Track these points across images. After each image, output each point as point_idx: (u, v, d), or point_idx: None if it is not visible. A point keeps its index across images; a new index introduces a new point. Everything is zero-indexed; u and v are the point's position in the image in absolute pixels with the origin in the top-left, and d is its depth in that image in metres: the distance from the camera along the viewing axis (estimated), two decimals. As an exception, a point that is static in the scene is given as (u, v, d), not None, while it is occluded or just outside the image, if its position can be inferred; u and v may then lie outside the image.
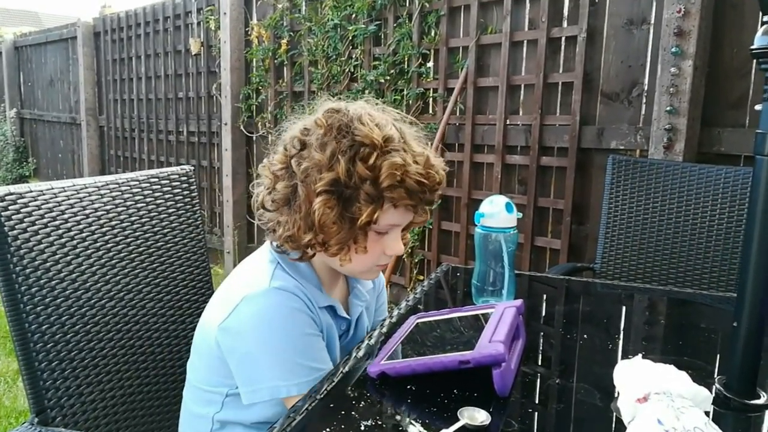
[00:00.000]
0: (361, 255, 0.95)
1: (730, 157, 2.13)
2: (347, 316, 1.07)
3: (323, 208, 0.88)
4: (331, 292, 1.06)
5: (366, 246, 0.94)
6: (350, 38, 3.27)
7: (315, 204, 0.89)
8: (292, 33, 3.65)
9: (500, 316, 0.92)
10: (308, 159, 0.91)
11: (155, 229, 1.24)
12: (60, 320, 1.02)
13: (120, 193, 1.18)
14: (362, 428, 0.74)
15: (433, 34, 2.96)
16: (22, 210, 0.99)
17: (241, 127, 4.05)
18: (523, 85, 2.71)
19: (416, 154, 0.92)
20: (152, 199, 1.25)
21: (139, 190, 1.22)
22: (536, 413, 0.82)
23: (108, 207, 1.15)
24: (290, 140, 0.95)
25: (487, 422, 0.73)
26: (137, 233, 1.20)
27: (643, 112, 2.35)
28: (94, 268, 1.10)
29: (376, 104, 0.99)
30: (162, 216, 1.26)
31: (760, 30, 0.75)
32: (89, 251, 1.09)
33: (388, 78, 3.12)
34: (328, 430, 0.74)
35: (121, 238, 1.16)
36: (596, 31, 2.43)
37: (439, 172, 0.95)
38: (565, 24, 2.55)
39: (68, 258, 1.05)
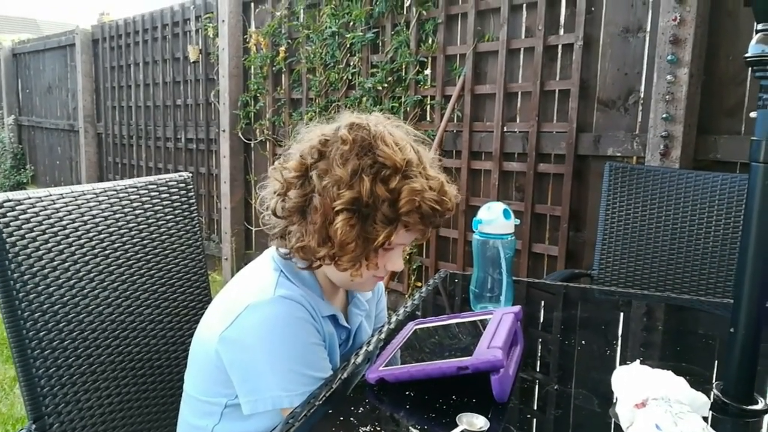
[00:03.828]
0: (372, 270, 0.96)
1: (726, 164, 2.14)
2: (347, 326, 1.07)
3: (345, 227, 0.89)
4: (333, 301, 1.06)
5: (377, 262, 0.95)
6: (348, 46, 3.28)
7: (336, 222, 0.89)
8: (290, 40, 3.67)
9: (498, 323, 0.92)
10: (328, 173, 0.91)
11: (153, 235, 1.24)
12: (58, 327, 1.02)
13: (118, 200, 1.18)
14: (361, 434, 0.74)
15: (430, 41, 2.97)
16: (20, 217, 0.99)
17: (239, 134, 4.06)
18: (520, 93, 2.72)
19: (431, 178, 0.94)
20: (150, 206, 1.25)
21: (137, 197, 1.22)
22: (534, 419, 0.82)
23: (106, 214, 1.15)
24: (309, 149, 0.94)
25: (486, 428, 0.73)
26: (135, 240, 1.20)
27: (639, 119, 2.36)
28: (92, 275, 1.09)
29: (392, 119, 0.99)
30: (160, 223, 1.26)
31: (755, 38, 0.76)
32: (87, 258, 1.09)
33: (386, 85, 3.13)
34: (326, 436, 0.74)
35: (119, 244, 1.16)
36: (592, 39, 2.44)
37: (452, 199, 0.97)
38: (561, 32, 2.56)
39: (66, 265, 1.05)
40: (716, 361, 1.03)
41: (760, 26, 0.76)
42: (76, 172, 6.26)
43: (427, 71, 3.04)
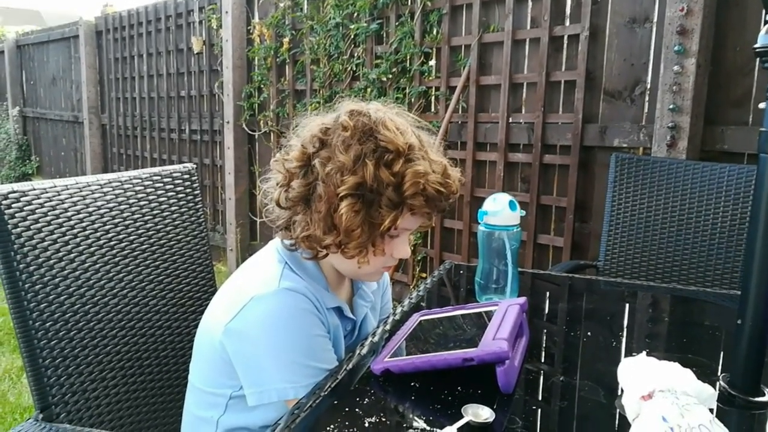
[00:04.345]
0: (379, 257, 0.96)
1: (734, 154, 2.12)
2: (353, 317, 1.07)
3: (350, 212, 0.88)
4: (338, 293, 1.05)
5: (384, 249, 0.95)
6: (352, 37, 3.27)
7: (341, 208, 0.88)
8: (293, 31, 3.65)
9: (504, 314, 0.92)
10: (330, 159, 0.90)
11: (158, 227, 1.24)
12: (64, 317, 1.02)
13: (123, 191, 1.18)
14: (366, 425, 0.74)
15: (435, 32, 2.95)
16: (25, 208, 0.99)
17: (243, 126, 4.05)
18: (525, 83, 2.70)
19: (434, 162, 0.93)
20: (155, 197, 1.25)
21: (142, 188, 1.22)
22: (540, 410, 0.82)
23: (111, 205, 1.15)
24: (310, 138, 0.94)
25: (491, 419, 0.73)
26: (140, 231, 1.20)
27: (646, 110, 2.34)
28: (97, 266, 1.10)
29: (392, 106, 0.99)
30: (165, 214, 1.26)
31: (764, 28, 0.75)
32: (92, 249, 1.09)
33: (390, 76, 3.11)
34: (332, 426, 0.74)
35: (124, 235, 1.16)
36: (599, 30, 2.42)
37: (456, 182, 0.96)
38: (567, 22, 2.54)
39: (71, 256, 1.05)
40: (723, 353, 1.03)
41: (769, 16, 0.75)
42: (81, 163, 6.28)
43: (432, 62, 3.03)
